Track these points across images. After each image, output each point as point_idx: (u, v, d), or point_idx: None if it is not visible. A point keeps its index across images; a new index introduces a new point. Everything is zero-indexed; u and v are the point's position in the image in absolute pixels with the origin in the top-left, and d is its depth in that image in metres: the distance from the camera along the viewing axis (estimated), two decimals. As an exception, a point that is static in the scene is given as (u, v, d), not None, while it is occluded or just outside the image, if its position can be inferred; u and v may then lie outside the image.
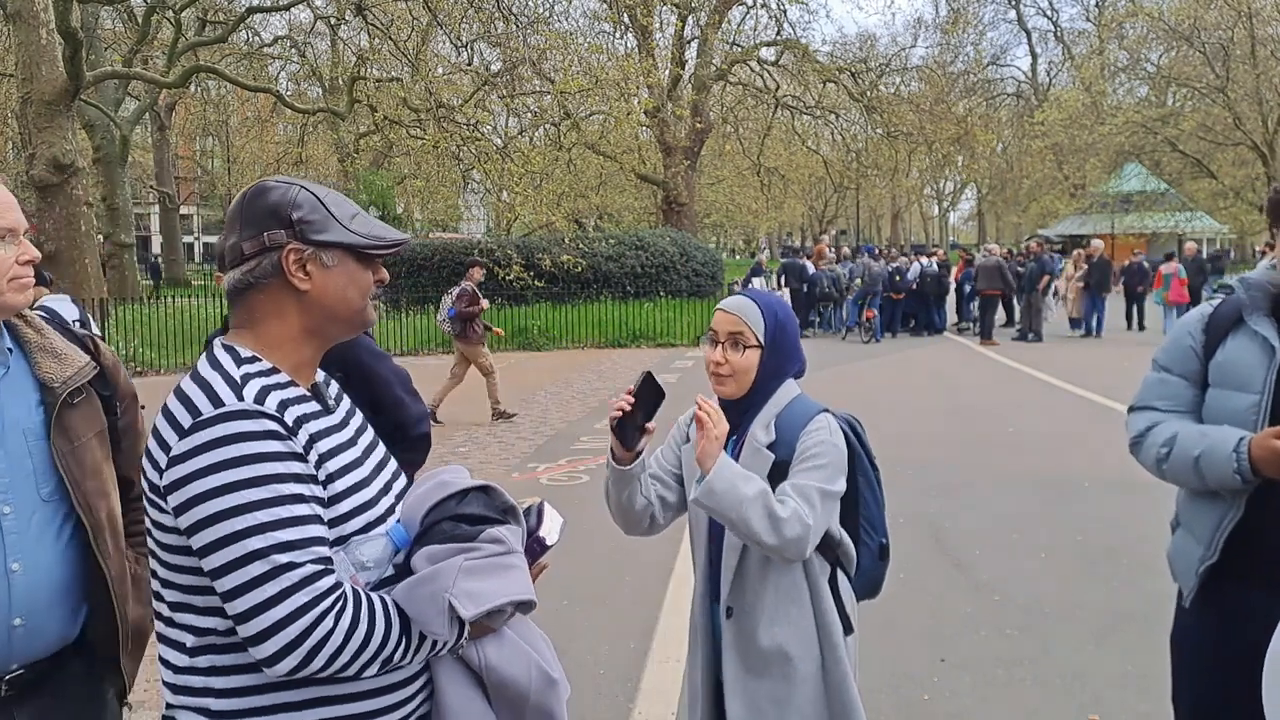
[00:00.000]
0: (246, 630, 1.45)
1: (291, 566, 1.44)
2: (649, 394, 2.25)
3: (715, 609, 2.42)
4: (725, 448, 2.31)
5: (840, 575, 2.45)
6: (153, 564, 1.58)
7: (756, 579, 2.34)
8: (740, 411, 2.40)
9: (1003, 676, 4.25)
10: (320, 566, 1.47)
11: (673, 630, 4.80)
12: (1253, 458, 2.16)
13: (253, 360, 1.57)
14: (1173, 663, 2.53)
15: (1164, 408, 2.42)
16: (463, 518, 1.60)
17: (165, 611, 1.57)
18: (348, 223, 1.61)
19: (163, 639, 1.58)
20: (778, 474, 2.31)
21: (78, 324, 5.58)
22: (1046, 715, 3.91)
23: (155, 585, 1.58)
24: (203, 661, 1.53)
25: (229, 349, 1.58)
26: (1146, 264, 21.58)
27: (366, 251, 1.63)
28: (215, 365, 1.55)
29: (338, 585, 1.48)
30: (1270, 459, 2.13)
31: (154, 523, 1.55)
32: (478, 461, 8.80)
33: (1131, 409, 2.54)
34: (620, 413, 2.25)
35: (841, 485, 2.32)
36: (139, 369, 15.00)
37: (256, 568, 1.43)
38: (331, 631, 1.45)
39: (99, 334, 5.83)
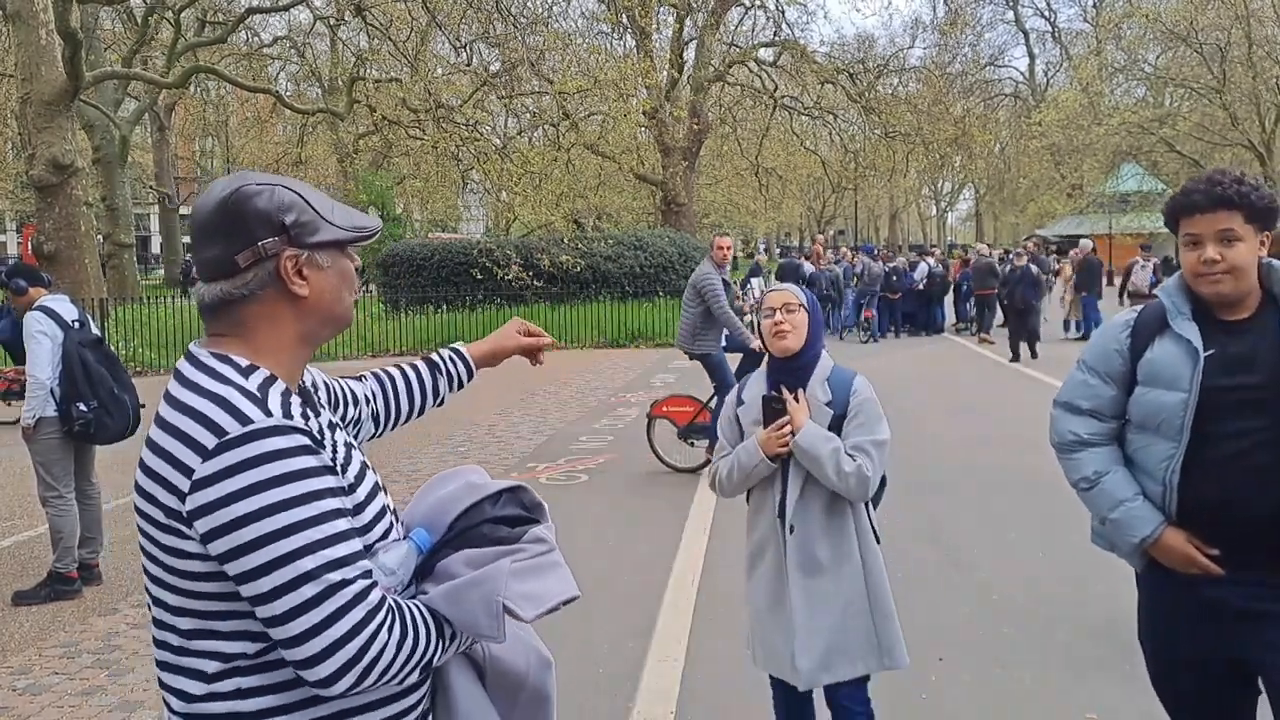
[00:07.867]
0: (301, 653, 1.38)
1: (345, 584, 1.39)
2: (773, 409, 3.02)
3: (781, 525, 3.04)
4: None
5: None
6: (157, 593, 1.47)
7: (813, 502, 3.02)
8: (792, 371, 3.09)
9: (1002, 676, 4.26)
10: (369, 581, 1.43)
11: (672, 630, 4.80)
12: (1158, 547, 2.48)
13: (253, 369, 1.47)
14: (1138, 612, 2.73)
15: (1085, 407, 2.64)
16: (501, 520, 1.59)
17: (175, 641, 1.47)
18: (331, 217, 1.53)
19: (173, 669, 1.48)
20: (835, 425, 3.03)
21: (76, 324, 5.55)
22: (1046, 715, 3.92)
23: (162, 615, 1.48)
24: (227, 686, 1.44)
25: (223, 358, 1.47)
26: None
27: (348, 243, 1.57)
28: (219, 378, 1.44)
29: (384, 598, 1.44)
30: (1172, 558, 2.47)
31: (167, 549, 1.43)
32: (477, 461, 8.76)
33: (1056, 403, 2.72)
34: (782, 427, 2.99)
35: (886, 432, 3.03)
36: (139, 369, 14.98)
37: (310, 589, 1.37)
38: (386, 645, 1.41)
39: (97, 333, 5.79)
